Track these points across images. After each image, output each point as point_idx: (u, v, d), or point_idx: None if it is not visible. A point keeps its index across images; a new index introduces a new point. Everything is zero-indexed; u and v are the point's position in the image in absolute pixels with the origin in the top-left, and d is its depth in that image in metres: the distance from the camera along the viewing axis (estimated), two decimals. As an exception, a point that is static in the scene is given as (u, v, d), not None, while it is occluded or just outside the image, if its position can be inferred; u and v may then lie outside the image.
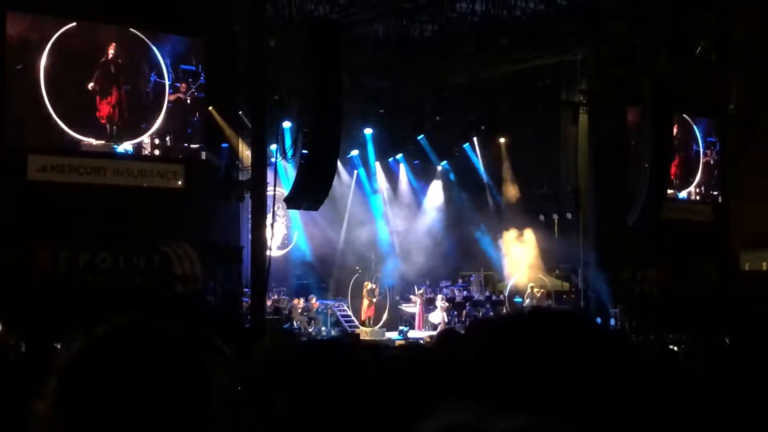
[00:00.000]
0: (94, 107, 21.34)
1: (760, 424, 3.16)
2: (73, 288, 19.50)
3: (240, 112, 23.57)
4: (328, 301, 26.58)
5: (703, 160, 31.31)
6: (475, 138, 30.24)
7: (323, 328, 25.05)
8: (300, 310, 25.52)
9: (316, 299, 26.19)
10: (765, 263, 29.46)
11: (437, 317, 27.13)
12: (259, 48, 20.50)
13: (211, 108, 22.84)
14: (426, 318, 27.51)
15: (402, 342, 20.17)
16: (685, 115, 30.30)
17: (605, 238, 27.52)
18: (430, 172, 30.74)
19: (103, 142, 21.49)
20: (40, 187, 20.25)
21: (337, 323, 25.93)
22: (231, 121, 23.34)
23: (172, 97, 22.47)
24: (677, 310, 25.23)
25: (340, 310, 26.50)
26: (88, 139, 21.27)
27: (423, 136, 28.90)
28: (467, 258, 30.26)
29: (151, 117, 22.23)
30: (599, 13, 24.66)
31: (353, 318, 26.64)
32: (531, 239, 28.86)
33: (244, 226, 23.25)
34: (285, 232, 28.04)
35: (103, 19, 21.31)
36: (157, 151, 22.33)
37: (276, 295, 25.21)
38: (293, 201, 21.26)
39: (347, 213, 28.80)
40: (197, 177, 22.58)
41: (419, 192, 30.79)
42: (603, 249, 27.51)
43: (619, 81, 26.92)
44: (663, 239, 27.16)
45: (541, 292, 28.09)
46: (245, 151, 23.24)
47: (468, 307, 27.71)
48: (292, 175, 21.84)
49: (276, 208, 23.33)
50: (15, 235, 19.30)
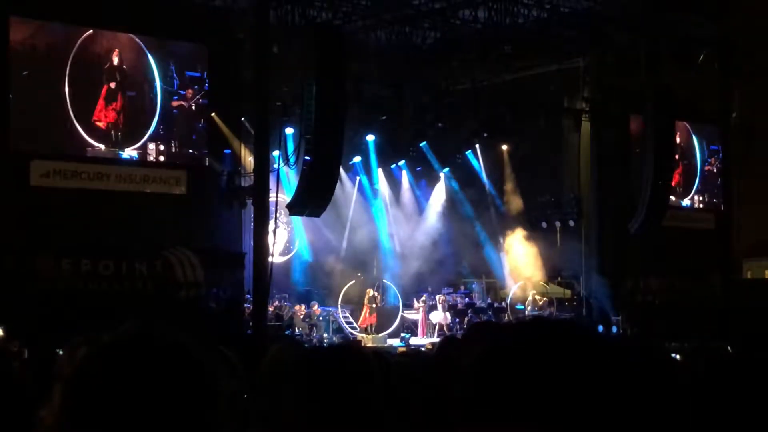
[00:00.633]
0: (98, 113, 21.36)
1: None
2: (76, 294, 19.49)
3: (243, 119, 23.59)
4: (330, 308, 26.57)
5: (705, 168, 31.29)
6: (477, 145, 30.23)
7: (325, 335, 25.04)
8: (302, 316, 25.51)
9: (317, 306, 26.18)
10: (767, 271, 29.41)
11: (438, 317, 27.18)
12: (262, 54, 20.53)
13: (213, 114, 22.85)
14: (428, 321, 27.51)
15: (404, 349, 20.16)
16: (688, 123, 30.31)
17: (607, 245, 27.52)
18: (433, 179, 30.73)
19: (107, 148, 21.51)
20: (43, 193, 20.26)
21: (338, 330, 25.92)
22: (234, 127, 23.35)
23: (177, 103, 22.50)
24: (679, 318, 25.20)
25: (342, 317, 26.49)
26: (92, 145, 21.29)
27: (425, 142, 28.90)
28: (469, 265, 30.25)
29: (156, 123, 22.25)
30: (602, 21, 24.68)
31: (355, 324, 26.62)
32: (533, 246, 28.84)
33: (246, 232, 23.26)
34: (287, 239, 28.04)
35: (108, 25, 21.35)
36: (161, 158, 22.33)
37: (278, 302, 25.20)
38: (295, 207, 21.27)
39: (349, 220, 28.79)
40: (200, 183, 22.60)
41: (421, 199, 30.77)
42: (605, 256, 27.50)
43: (621, 89, 26.92)
44: (665, 247, 27.13)
45: (543, 299, 28.07)
46: (248, 158, 23.26)
47: (470, 314, 27.68)
48: (295, 182, 21.86)
49: (278, 215, 23.35)
50: (18, 240, 19.30)
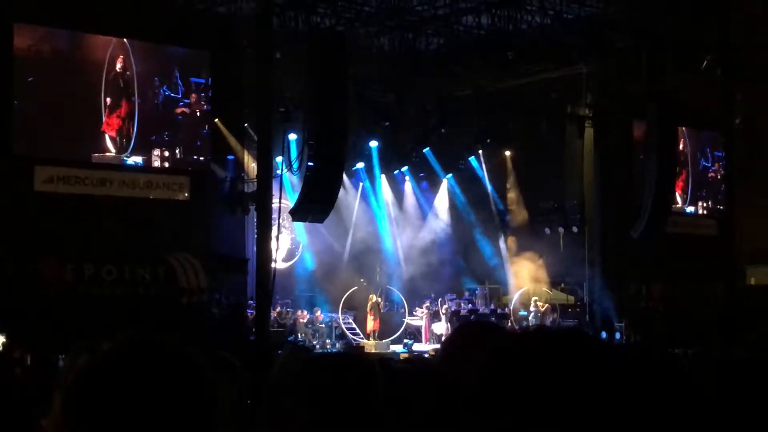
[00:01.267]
0: (104, 120, 21.38)
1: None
2: (79, 299, 19.48)
3: (246, 125, 23.61)
4: (333, 314, 26.56)
5: (709, 174, 31.27)
6: (480, 151, 30.25)
7: (328, 341, 25.04)
8: (305, 322, 25.51)
9: (320, 312, 26.18)
10: (771, 278, 29.36)
11: (441, 328, 27.15)
12: (265, 61, 20.55)
13: (217, 120, 22.87)
14: (431, 331, 27.49)
15: (406, 355, 20.15)
16: (691, 129, 30.29)
17: (610, 251, 27.49)
18: (435, 185, 30.74)
19: (112, 154, 21.52)
20: (46, 199, 20.26)
21: (341, 336, 25.92)
22: (237, 133, 23.37)
23: (181, 110, 22.52)
24: (682, 325, 25.16)
25: (345, 323, 26.48)
26: (97, 151, 21.30)
27: (428, 148, 28.92)
28: (472, 271, 30.24)
29: (162, 129, 22.27)
30: (604, 27, 24.69)
31: (358, 331, 26.61)
32: (536, 253, 28.83)
33: (249, 238, 23.27)
34: (290, 245, 28.04)
35: (113, 32, 21.37)
36: (166, 164, 22.34)
37: (280, 308, 25.19)
38: (298, 213, 21.27)
39: (352, 225, 28.80)
40: (203, 189, 22.60)
41: (424, 205, 30.78)
42: (608, 263, 27.47)
43: (624, 95, 26.93)
44: (669, 253, 27.10)
45: (546, 305, 28.05)
46: (251, 164, 23.27)
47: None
48: (298, 188, 21.87)
49: (281, 221, 23.34)
50: (21, 246, 19.31)
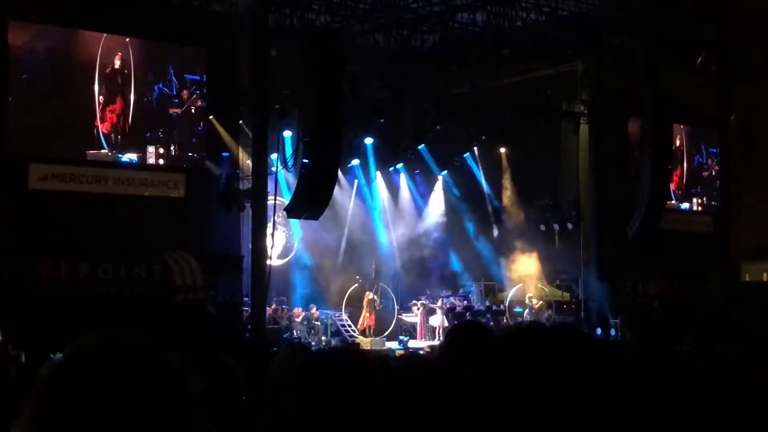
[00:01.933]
0: (98, 117, 21.35)
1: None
2: (74, 298, 19.45)
3: (241, 122, 23.58)
4: (329, 311, 26.56)
5: (704, 171, 31.32)
6: (475, 148, 30.25)
7: (323, 338, 25.02)
8: (300, 319, 25.50)
9: (316, 308, 26.17)
10: (766, 274, 29.42)
11: (437, 320, 27.19)
12: (260, 57, 20.53)
13: (212, 117, 22.85)
14: (427, 326, 27.51)
15: (402, 352, 20.15)
16: (686, 126, 30.33)
17: (606, 248, 27.52)
18: (431, 182, 30.75)
19: (107, 151, 21.49)
20: (41, 197, 20.22)
21: (337, 333, 25.90)
22: (232, 130, 23.34)
23: (176, 106, 22.49)
24: (678, 321, 25.20)
25: (340, 320, 26.47)
26: (92, 149, 21.27)
27: (424, 146, 28.90)
28: (468, 268, 30.26)
29: (156, 127, 22.25)
30: (600, 24, 24.69)
31: (353, 327, 26.61)
32: (532, 249, 28.85)
33: (244, 235, 23.24)
34: (285, 242, 28.02)
35: (108, 29, 21.33)
36: (161, 161, 22.32)
37: (276, 305, 25.18)
38: (294, 210, 21.26)
39: (347, 222, 28.79)
40: (198, 186, 22.57)
41: (420, 202, 30.79)
42: (604, 259, 27.51)
43: (619, 92, 26.94)
44: (664, 250, 27.15)
45: (540, 302, 28.09)
46: (246, 161, 23.25)
47: (469, 317, 27.66)
48: (293, 185, 21.85)
49: (276, 218, 23.33)
50: (15, 244, 19.26)
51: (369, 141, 28.20)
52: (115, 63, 21.63)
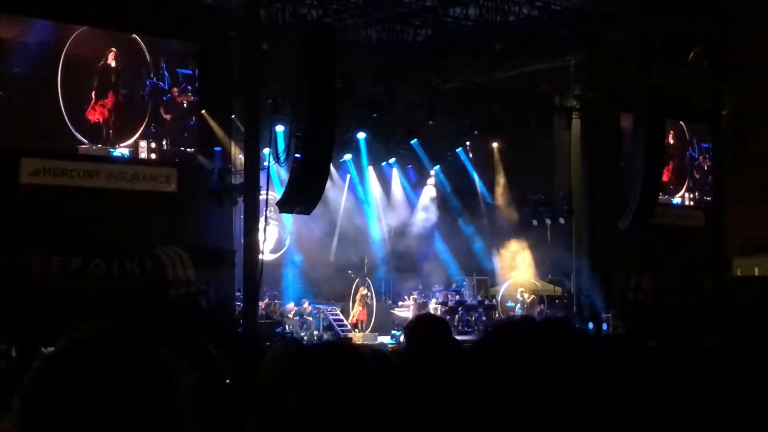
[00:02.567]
0: (90, 111, 21.29)
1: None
2: (66, 293, 19.41)
3: (233, 116, 23.55)
4: (321, 305, 26.57)
5: (696, 166, 31.39)
6: (468, 143, 30.27)
7: (315, 332, 25.04)
8: (292, 314, 25.51)
9: (308, 303, 26.18)
10: (757, 269, 29.52)
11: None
12: (252, 52, 20.49)
13: (204, 112, 22.82)
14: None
15: (395, 346, 20.16)
16: (679, 121, 30.38)
17: (598, 243, 27.57)
18: (423, 177, 30.77)
19: (98, 145, 21.45)
20: (32, 191, 20.16)
21: (329, 327, 25.91)
22: (224, 125, 23.32)
23: (168, 101, 22.45)
24: (669, 316, 25.25)
25: (333, 314, 26.48)
26: (83, 143, 21.22)
27: (416, 140, 28.92)
28: (460, 262, 30.29)
29: (148, 121, 22.20)
30: (593, 19, 24.71)
31: (345, 322, 26.62)
32: (524, 244, 28.90)
33: (236, 230, 23.23)
34: (277, 236, 28.02)
35: (99, 23, 21.26)
36: (153, 155, 22.28)
37: (268, 299, 25.18)
38: (286, 205, 21.26)
39: (340, 217, 28.80)
40: (190, 181, 22.54)
41: (412, 196, 30.81)
42: (596, 254, 27.56)
43: (612, 87, 26.96)
44: (656, 245, 27.21)
45: (532, 297, 28.13)
46: (238, 155, 23.23)
47: (461, 312, 27.71)
48: (285, 179, 21.84)
49: (269, 212, 23.32)
50: (7, 239, 19.21)
51: (361, 136, 28.20)
52: (107, 57, 21.56)
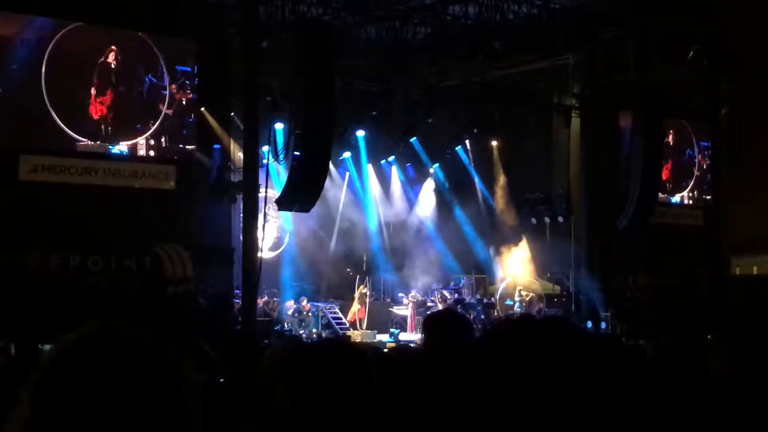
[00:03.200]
0: (89, 108, 21.28)
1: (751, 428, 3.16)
2: (64, 290, 19.41)
3: (232, 114, 23.55)
4: (319, 303, 26.57)
5: (694, 165, 31.40)
6: (467, 141, 30.27)
7: (314, 330, 25.04)
8: (291, 311, 25.51)
9: (307, 301, 26.18)
10: (755, 268, 29.53)
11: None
12: (251, 50, 20.48)
13: (203, 109, 22.82)
14: (418, 319, 27.52)
15: (393, 344, 20.16)
16: (677, 120, 30.36)
17: (596, 241, 27.58)
18: (422, 175, 30.76)
19: (97, 143, 21.44)
20: (31, 188, 20.16)
21: (327, 325, 25.92)
22: (223, 122, 23.31)
23: (167, 98, 22.44)
24: (668, 315, 25.27)
25: (331, 312, 26.48)
26: (81, 140, 21.21)
27: (415, 138, 28.91)
28: (459, 260, 30.29)
29: (147, 118, 22.20)
30: (591, 17, 24.69)
31: (344, 320, 26.63)
32: (522, 242, 28.90)
33: (235, 227, 23.23)
34: (276, 234, 28.01)
35: (98, 20, 21.25)
36: (152, 152, 22.28)
37: (267, 297, 25.18)
38: (284, 202, 21.26)
39: (338, 215, 28.80)
40: (189, 178, 22.55)
41: (411, 194, 30.80)
42: (594, 253, 27.57)
43: (611, 86, 26.97)
44: (655, 243, 27.21)
45: (530, 295, 28.13)
46: (237, 153, 23.22)
47: (459, 310, 27.71)
48: (284, 177, 21.83)
49: (267, 210, 23.31)
50: (5, 236, 19.20)
51: (360, 133, 28.18)
52: (106, 54, 21.56)
